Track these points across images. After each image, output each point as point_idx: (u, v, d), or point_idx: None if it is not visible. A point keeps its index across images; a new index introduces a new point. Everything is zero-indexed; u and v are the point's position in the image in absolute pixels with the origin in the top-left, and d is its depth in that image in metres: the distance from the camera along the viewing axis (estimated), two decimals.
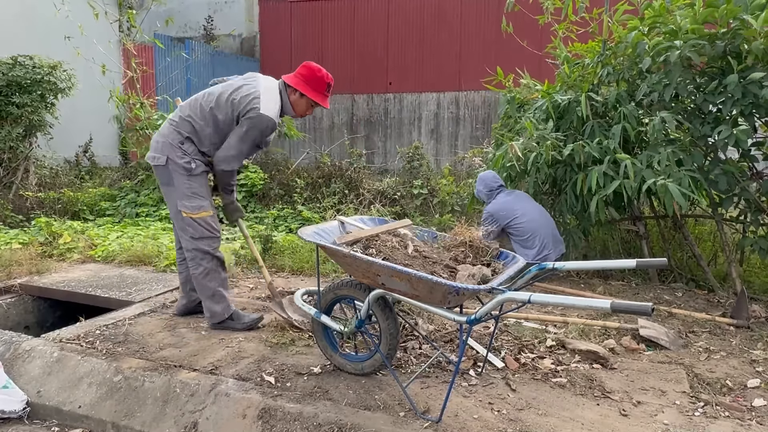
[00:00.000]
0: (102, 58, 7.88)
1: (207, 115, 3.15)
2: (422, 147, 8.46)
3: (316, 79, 3.16)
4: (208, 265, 3.23)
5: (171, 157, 3.12)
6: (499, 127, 5.38)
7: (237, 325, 3.32)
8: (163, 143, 3.16)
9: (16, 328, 3.95)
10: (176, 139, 3.14)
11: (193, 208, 3.15)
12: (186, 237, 3.21)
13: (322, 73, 3.17)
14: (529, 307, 3.68)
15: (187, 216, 3.16)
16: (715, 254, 4.74)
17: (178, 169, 3.13)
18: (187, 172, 3.14)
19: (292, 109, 3.24)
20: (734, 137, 3.49)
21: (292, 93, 3.20)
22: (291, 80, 3.18)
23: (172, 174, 3.14)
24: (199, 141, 3.18)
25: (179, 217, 3.19)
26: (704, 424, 2.33)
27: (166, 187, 3.21)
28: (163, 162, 3.13)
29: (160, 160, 3.14)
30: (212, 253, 3.23)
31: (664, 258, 2.40)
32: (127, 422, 2.56)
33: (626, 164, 3.68)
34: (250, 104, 3.07)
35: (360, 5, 12.19)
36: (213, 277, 3.25)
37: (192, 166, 3.14)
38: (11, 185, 7.26)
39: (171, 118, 3.23)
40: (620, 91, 4.13)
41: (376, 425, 2.26)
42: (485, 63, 10.98)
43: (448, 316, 2.25)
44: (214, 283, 3.25)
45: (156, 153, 3.17)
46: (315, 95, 3.17)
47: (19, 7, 8.73)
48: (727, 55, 3.61)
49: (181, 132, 3.16)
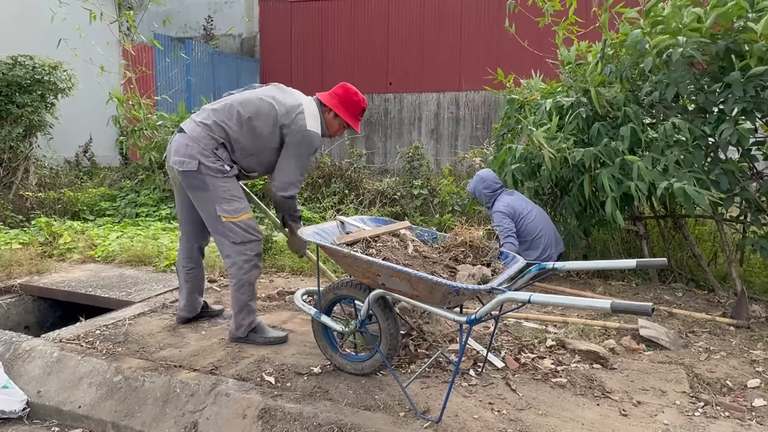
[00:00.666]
0: (101, 59, 7.88)
1: (244, 124, 2.96)
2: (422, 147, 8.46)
3: (352, 102, 3.09)
4: (246, 276, 3.02)
5: (202, 161, 2.89)
6: (499, 127, 5.37)
7: (259, 339, 3.11)
8: (194, 147, 2.91)
9: (16, 328, 3.95)
10: (210, 145, 2.92)
11: (233, 211, 2.94)
12: (227, 243, 3.00)
13: (359, 96, 3.11)
14: (529, 307, 3.68)
15: (227, 221, 2.95)
16: (715, 254, 4.74)
17: (212, 172, 2.91)
18: (222, 174, 2.93)
19: (327, 129, 3.15)
20: (737, 135, 3.49)
21: (326, 112, 3.11)
22: (327, 100, 3.10)
23: (206, 178, 2.91)
24: (233, 149, 3.00)
25: (218, 223, 2.97)
26: (704, 424, 2.33)
27: (198, 193, 2.96)
28: (194, 167, 2.88)
29: (191, 165, 2.89)
30: (255, 260, 3.03)
31: (664, 258, 2.40)
32: (127, 422, 2.56)
33: (637, 166, 3.68)
34: (296, 120, 2.95)
35: (360, 5, 12.19)
36: (247, 289, 3.04)
37: (227, 168, 2.95)
38: (11, 185, 7.26)
39: (201, 121, 2.98)
40: (624, 91, 4.13)
41: (376, 425, 2.26)
42: (485, 63, 10.98)
43: (448, 316, 2.25)
44: (246, 296, 3.05)
45: (185, 158, 2.90)
46: (349, 118, 3.09)
47: (19, 8, 8.73)
48: (729, 53, 3.61)
49: (216, 137, 2.94)
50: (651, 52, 3.84)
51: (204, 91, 11.68)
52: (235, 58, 12.89)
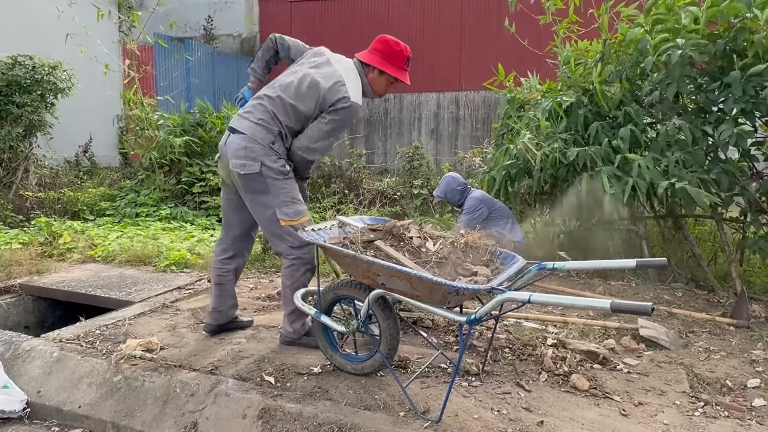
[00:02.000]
0: (103, 58, 7.88)
1: (289, 109, 2.84)
2: (422, 147, 8.47)
3: (395, 53, 2.91)
4: (302, 278, 2.92)
5: (265, 162, 2.78)
6: (499, 127, 5.37)
7: (312, 342, 2.96)
8: (254, 149, 2.79)
9: (16, 328, 3.95)
10: (267, 140, 2.80)
11: (293, 214, 2.84)
12: (285, 246, 2.89)
13: (400, 46, 2.92)
14: (529, 307, 3.68)
15: (286, 224, 2.84)
16: (715, 254, 4.74)
17: (273, 174, 2.79)
18: (283, 175, 2.83)
19: (372, 90, 3.00)
20: (735, 136, 3.49)
21: (370, 71, 2.96)
22: (368, 58, 2.94)
23: (267, 180, 2.79)
24: (286, 137, 2.89)
25: (276, 226, 2.86)
26: (704, 424, 2.33)
27: (257, 195, 2.84)
28: (256, 170, 2.77)
29: (253, 167, 2.77)
30: (311, 263, 2.94)
31: (664, 258, 2.40)
32: (127, 422, 2.56)
33: (639, 164, 3.68)
34: (337, 92, 2.81)
35: (360, 5, 12.19)
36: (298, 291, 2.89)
37: (287, 169, 2.85)
38: (11, 185, 7.26)
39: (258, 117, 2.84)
40: (624, 90, 4.13)
41: (376, 425, 2.26)
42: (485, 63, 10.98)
43: (448, 316, 2.25)
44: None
45: (247, 161, 2.77)
46: (396, 71, 2.93)
47: (19, 7, 8.73)
48: (728, 53, 3.61)
49: (272, 130, 2.82)
50: (651, 52, 3.84)
51: (204, 91, 11.67)
52: (235, 58, 12.88)
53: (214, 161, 6.04)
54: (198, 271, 4.72)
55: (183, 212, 7.29)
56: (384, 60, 2.93)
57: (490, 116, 11.19)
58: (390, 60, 2.93)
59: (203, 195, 7.57)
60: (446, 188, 4.75)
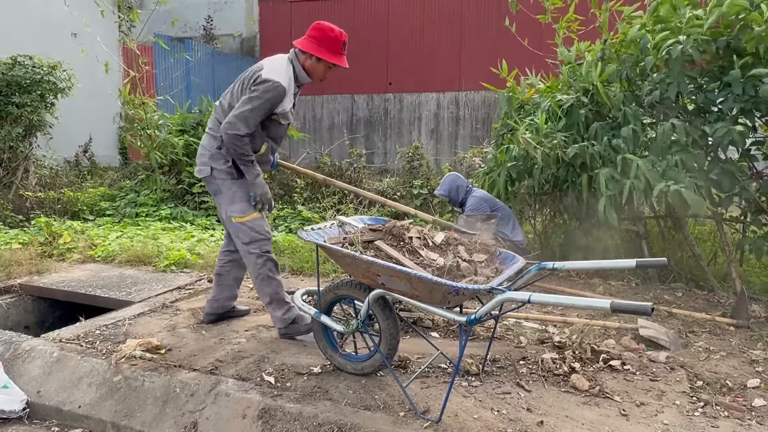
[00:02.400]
0: (103, 58, 7.88)
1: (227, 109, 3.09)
2: (422, 147, 8.46)
3: (329, 39, 3.00)
4: (261, 269, 3.14)
5: (213, 166, 3.09)
6: (499, 127, 5.37)
7: (302, 329, 3.17)
8: (204, 154, 3.14)
9: (16, 328, 3.95)
10: (213, 145, 3.11)
11: (239, 212, 3.10)
12: (240, 244, 3.17)
13: (335, 32, 3.01)
14: (529, 307, 3.68)
15: (236, 221, 3.11)
16: (715, 254, 4.74)
17: (222, 175, 3.10)
18: (230, 177, 3.10)
19: (309, 75, 3.12)
20: (730, 134, 3.49)
21: (307, 59, 3.06)
22: (303, 45, 3.03)
23: (218, 182, 3.11)
24: None
25: (230, 224, 3.15)
26: (704, 424, 2.33)
27: (216, 197, 3.19)
28: (208, 172, 3.12)
29: (205, 171, 3.13)
30: (265, 255, 3.15)
31: (663, 258, 2.40)
32: (127, 422, 2.56)
33: (636, 164, 3.68)
34: (253, 76, 3.01)
35: (360, 5, 12.20)
36: (267, 282, 3.15)
37: (234, 171, 3.09)
38: (11, 185, 7.25)
39: (209, 127, 3.19)
40: (624, 91, 4.13)
41: (376, 425, 2.26)
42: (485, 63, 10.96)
43: (448, 316, 2.25)
44: (269, 288, 3.15)
45: (201, 165, 3.16)
46: (331, 56, 3.01)
47: (19, 7, 8.73)
48: (729, 51, 3.60)
49: (216, 136, 3.11)
50: (652, 51, 3.84)
51: (204, 91, 11.66)
52: (235, 58, 12.88)
53: None
54: (198, 271, 4.72)
55: (183, 212, 7.29)
56: (320, 46, 3.01)
57: (490, 116, 11.18)
58: (325, 46, 3.01)
59: (203, 195, 7.57)
60: (449, 186, 4.71)
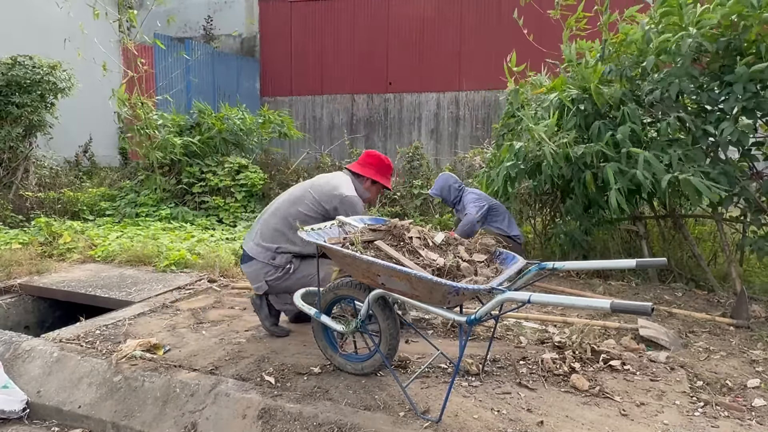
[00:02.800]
0: (102, 58, 7.88)
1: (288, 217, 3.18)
2: (422, 147, 8.46)
3: (385, 167, 3.38)
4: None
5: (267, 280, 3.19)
6: (499, 127, 5.37)
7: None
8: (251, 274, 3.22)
9: (16, 328, 3.95)
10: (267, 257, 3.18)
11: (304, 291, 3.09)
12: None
13: (388, 161, 3.40)
14: (529, 307, 3.68)
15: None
16: (715, 254, 4.74)
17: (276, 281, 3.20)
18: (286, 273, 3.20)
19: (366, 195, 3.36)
20: (737, 133, 3.49)
21: (364, 182, 3.35)
22: (361, 170, 3.34)
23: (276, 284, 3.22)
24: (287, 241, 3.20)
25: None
26: (704, 424, 2.33)
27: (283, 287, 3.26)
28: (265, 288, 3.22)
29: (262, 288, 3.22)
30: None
31: (663, 258, 2.40)
32: (127, 422, 2.56)
33: (643, 156, 3.67)
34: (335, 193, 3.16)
35: (360, 5, 12.19)
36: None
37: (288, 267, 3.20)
38: (11, 185, 7.25)
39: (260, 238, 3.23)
40: (624, 90, 4.13)
41: (376, 425, 2.26)
42: (485, 63, 10.98)
43: (448, 316, 2.25)
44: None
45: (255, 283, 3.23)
46: (386, 181, 3.38)
47: (19, 7, 8.73)
48: (731, 51, 3.60)
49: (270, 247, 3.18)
50: (653, 51, 3.84)
51: (204, 91, 11.67)
52: (235, 58, 12.88)
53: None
54: (198, 271, 4.72)
55: (183, 212, 7.29)
56: (377, 173, 3.37)
57: (490, 116, 11.18)
58: (382, 172, 3.38)
59: (203, 195, 7.57)
60: (441, 186, 4.74)
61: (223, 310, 3.77)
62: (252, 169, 7.87)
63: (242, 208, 7.54)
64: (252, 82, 13.23)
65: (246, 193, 7.67)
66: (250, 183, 7.67)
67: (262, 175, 7.83)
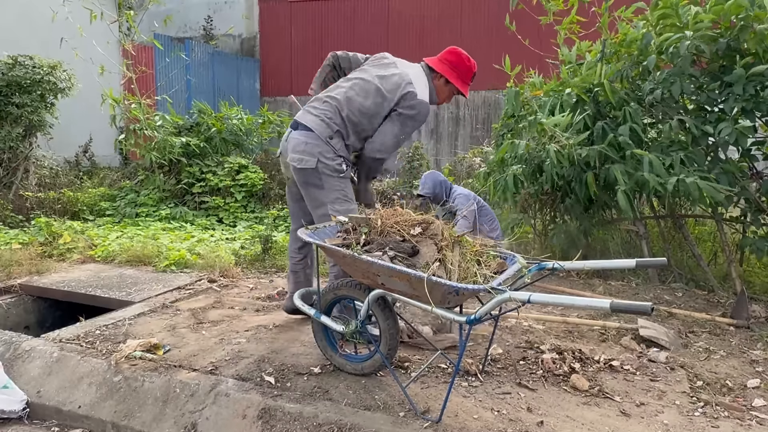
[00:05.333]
0: (101, 59, 7.88)
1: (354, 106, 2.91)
2: (422, 147, 8.46)
3: (465, 67, 3.00)
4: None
5: (321, 159, 2.86)
6: (499, 127, 5.36)
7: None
8: (312, 145, 2.88)
9: (16, 328, 3.94)
10: (325, 134, 2.88)
11: (344, 212, 2.87)
12: None
13: (471, 62, 3.02)
14: (529, 307, 3.68)
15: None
16: (715, 254, 4.73)
17: (328, 171, 2.88)
18: (338, 173, 2.90)
19: (436, 97, 3.06)
20: (735, 134, 3.49)
21: (436, 78, 3.02)
22: (437, 66, 3.00)
23: (322, 177, 2.88)
24: (347, 134, 2.94)
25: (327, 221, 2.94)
26: (704, 424, 2.33)
27: (312, 189, 2.94)
28: (313, 165, 2.86)
29: (310, 162, 2.86)
30: None
31: (663, 258, 2.40)
32: (127, 422, 2.56)
33: (648, 159, 3.67)
34: (406, 92, 2.87)
35: (360, 5, 12.19)
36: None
37: (343, 168, 2.92)
38: (11, 185, 7.25)
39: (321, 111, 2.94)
40: (625, 90, 4.13)
41: (376, 425, 2.26)
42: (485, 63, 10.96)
43: (448, 316, 2.25)
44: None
45: (303, 155, 2.87)
46: (461, 84, 3.01)
47: (19, 8, 8.73)
48: (730, 51, 3.61)
49: (332, 126, 2.89)
50: (653, 50, 3.84)
51: (204, 91, 11.67)
52: (235, 58, 12.88)
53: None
54: (198, 271, 4.72)
55: (183, 212, 7.29)
56: (452, 71, 3.00)
57: (490, 116, 11.18)
58: (458, 72, 3.01)
59: (203, 195, 7.57)
60: (434, 184, 4.66)
61: (223, 310, 3.77)
62: (252, 169, 7.88)
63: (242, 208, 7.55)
64: (252, 82, 13.23)
65: (246, 193, 7.68)
66: (250, 183, 7.67)
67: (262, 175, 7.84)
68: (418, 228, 2.39)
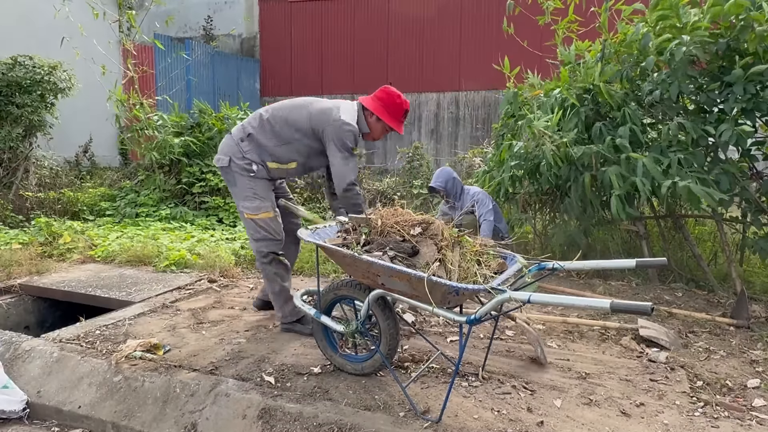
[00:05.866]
0: (102, 59, 7.88)
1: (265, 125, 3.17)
2: (422, 147, 8.47)
3: (395, 105, 3.18)
4: (266, 268, 3.23)
5: (233, 158, 3.16)
6: (499, 127, 5.36)
7: (305, 330, 3.23)
8: (225, 144, 3.23)
9: (16, 328, 3.95)
10: (237, 136, 3.18)
11: (253, 209, 3.16)
12: (250, 238, 3.28)
13: (401, 99, 3.18)
14: (529, 307, 3.68)
15: (248, 217, 3.19)
16: (715, 254, 4.73)
17: (238, 169, 3.16)
18: (247, 173, 3.16)
19: (369, 133, 3.26)
20: (736, 135, 3.49)
21: (369, 116, 3.21)
22: (369, 104, 3.19)
23: (235, 175, 3.18)
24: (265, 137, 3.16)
25: (242, 217, 3.26)
26: (704, 424, 2.33)
27: (230, 188, 3.27)
28: (225, 163, 3.18)
29: (223, 161, 3.19)
30: (271, 256, 3.22)
31: (663, 258, 2.40)
32: (127, 422, 2.56)
33: (642, 163, 3.68)
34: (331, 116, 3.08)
35: (360, 5, 12.20)
36: (271, 279, 3.24)
37: (252, 168, 3.15)
38: (11, 185, 7.25)
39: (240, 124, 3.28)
40: (625, 90, 4.12)
41: (376, 425, 2.26)
42: (485, 63, 10.97)
43: (448, 316, 2.25)
44: (272, 286, 3.25)
45: (221, 155, 3.22)
46: (392, 121, 3.18)
47: (19, 8, 8.73)
48: (730, 52, 3.60)
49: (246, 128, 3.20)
50: (653, 51, 3.84)
51: (204, 91, 11.68)
52: (235, 58, 12.88)
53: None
54: (198, 271, 4.72)
55: (183, 212, 7.29)
56: (383, 108, 3.18)
57: (490, 116, 11.18)
58: (389, 110, 3.18)
59: (203, 195, 7.57)
60: (446, 178, 4.73)
61: (223, 310, 3.77)
62: None
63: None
64: (252, 82, 13.24)
65: None
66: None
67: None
68: (418, 228, 2.40)
